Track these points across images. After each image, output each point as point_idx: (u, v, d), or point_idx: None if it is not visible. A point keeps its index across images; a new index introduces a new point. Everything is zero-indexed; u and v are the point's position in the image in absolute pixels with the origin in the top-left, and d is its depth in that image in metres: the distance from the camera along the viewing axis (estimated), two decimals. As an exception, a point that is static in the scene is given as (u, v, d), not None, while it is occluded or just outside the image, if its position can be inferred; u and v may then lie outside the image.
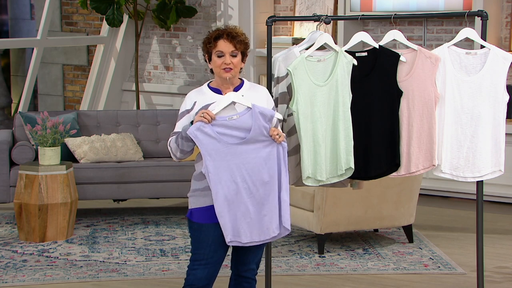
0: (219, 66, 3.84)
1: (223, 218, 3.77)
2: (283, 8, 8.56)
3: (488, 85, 4.50)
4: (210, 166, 3.76)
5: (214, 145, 3.75)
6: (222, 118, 3.77)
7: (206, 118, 3.74)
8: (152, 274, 5.46)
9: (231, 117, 3.77)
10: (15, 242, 6.21)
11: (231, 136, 3.77)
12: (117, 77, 9.31)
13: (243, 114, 3.79)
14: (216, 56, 3.85)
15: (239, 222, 3.78)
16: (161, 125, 7.39)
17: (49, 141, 6.23)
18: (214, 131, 3.75)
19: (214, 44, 3.84)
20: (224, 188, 3.76)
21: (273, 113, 3.83)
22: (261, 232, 3.81)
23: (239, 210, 3.78)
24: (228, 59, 3.83)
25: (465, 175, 4.57)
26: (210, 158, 3.75)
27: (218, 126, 3.76)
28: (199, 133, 3.74)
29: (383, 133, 4.52)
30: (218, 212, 3.77)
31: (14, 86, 11.20)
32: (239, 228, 3.78)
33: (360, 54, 4.49)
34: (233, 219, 3.78)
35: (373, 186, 5.74)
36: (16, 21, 11.47)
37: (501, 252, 5.96)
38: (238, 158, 3.76)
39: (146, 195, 6.86)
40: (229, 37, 3.83)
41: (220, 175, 3.76)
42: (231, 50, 3.83)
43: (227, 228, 3.77)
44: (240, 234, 3.79)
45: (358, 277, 5.40)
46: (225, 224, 3.77)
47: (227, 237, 3.78)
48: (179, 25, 9.00)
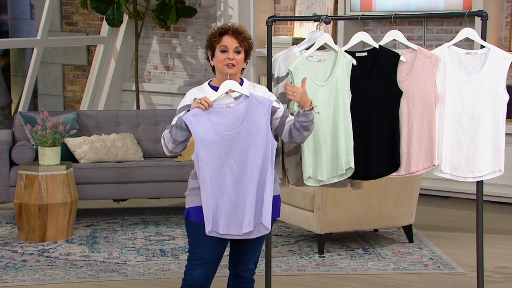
0: (222, 61, 3.85)
1: (207, 207, 3.75)
2: (283, 8, 8.56)
3: (488, 85, 4.50)
4: (201, 154, 3.76)
5: (208, 134, 3.75)
6: (219, 105, 3.77)
7: (203, 104, 3.74)
8: (152, 274, 5.46)
9: (228, 105, 3.78)
10: (15, 242, 6.21)
11: (225, 126, 3.76)
12: (117, 77, 9.31)
13: (240, 102, 3.79)
14: (219, 51, 3.86)
15: (219, 213, 3.76)
16: (161, 125, 7.39)
17: (49, 141, 6.23)
18: (210, 120, 3.75)
19: (219, 39, 3.86)
20: (212, 177, 3.76)
21: (271, 101, 3.83)
22: (238, 226, 3.78)
23: (221, 200, 3.76)
24: (232, 54, 3.84)
25: (465, 175, 4.57)
26: (202, 146, 3.75)
27: (214, 114, 3.76)
28: (194, 120, 3.74)
29: (383, 133, 4.52)
30: (204, 200, 3.75)
31: (14, 86, 11.20)
32: (217, 219, 3.76)
33: (360, 54, 4.49)
34: (214, 208, 3.76)
35: (373, 186, 5.74)
36: (16, 21, 11.47)
37: (501, 252, 5.96)
38: (230, 148, 3.76)
39: (146, 195, 6.86)
40: (234, 33, 3.85)
41: (209, 164, 3.75)
42: (235, 46, 3.85)
43: (209, 218, 3.75)
44: (218, 225, 3.77)
45: (358, 277, 5.40)
46: (208, 213, 3.75)
47: (208, 227, 3.76)
48: (179, 25, 9.00)
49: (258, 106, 3.79)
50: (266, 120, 3.80)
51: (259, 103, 3.79)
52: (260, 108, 3.79)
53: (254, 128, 3.77)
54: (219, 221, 3.77)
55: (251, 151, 3.77)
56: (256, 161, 3.77)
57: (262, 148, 3.78)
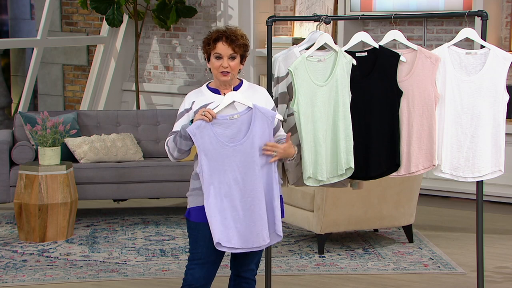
0: (217, 68, 3.83)
1: (213, 218, 3.73)
2: (283, 8, 8.56)
3: (488, 85, 4.50)
4: (204, 166, 3.74)
5: (212, 146, 3.74)
6: (223, 117, 3.76)
7: (207, 116, 3.72)
8: (152, 274, 5.46)
9: (232, 116, 3.76)
10: (15, 242, 6.21)
11: (229, 138, 3.75)
12: (117, 77, 9.31)
13: (244, 113, 3.78)
14: (214, 57, 3.84)
15: (229, 227, 3.74)
16: (161, 125, 7.39)
17: (49, 141, 6.23)
18: (214, 131, 3.74)
19: (213, 46, 3.83)
20: (216, 189, 3.74)
21: (274, 113, 3.82)
22: (251, 239, 3.77)
23: (229, 214, 3.74)
24: (226, 62, 3.81)
25: (465, 175, 4.56)
26: (206, 158, 3.74)
27: (218, 125, 3.75)
28: (198, 132, 3.73)
29: (383, 133, 4.52)
30: (208, 213, 3.74)
31: (14, 86, 11.20)
32: (228, 233, 3.74)
33: (360, 54, 4.49)
34: (223, 223, 3.74)
35: (373, 186, 5.74)
36: (16, 21, 11.47)
37: (501, 252, 5.95)
38: (234, 161, 3.74)
39: (146, 195, 6.86)
40: (228, 40, 3.81)
41: (213, 176, 3.74)
42: (230, 53, 3.82)
43: (215, 229, 3.73)
44: (230, 240, 3.74)
45: (358, 277, 5.40)
46: (212, 225, 3.74)
47: (214, 238, 3.74)
48: (179, 25, 9.00)
49: (262, 118, 3.77)
50: (269, 131, 3.80)
51: (262, 115, 3.78)
52: (263, 119, 3.78)
53: (257, 140, 3.76)
54: (230, 235, 3.74)
55: (256, 163, 3.76)
56: (262, 173, 3.77)
57: (266, 159, 3.78)
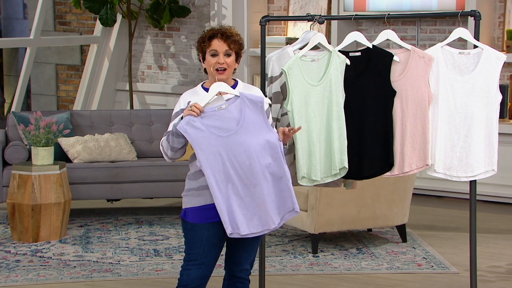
0: (212, 65, 3.84)
1: (221, 211, 3.75)
2: (277, 8, 8.56)
3: (481, 85, 4.51)
4: (202, 159, 3.74)
5: (204, 138, 3.74)
6: (211, 109, 3.76)
7: (195, 111, 3.72)
8: (145, 274, 5.45)
9: (220, 107, 3.76)
10: (8, 242, 6.20)
11: (220, 128, 3.75)
12: (110, 77, 9.30)
13: (232, 102, 3.78)
14: (210, 55, 3.84)
15: (236, 214, 3.75)
16: (154, 125, 7.39)
17: (43, 141, 6.22)
18: (204, 124, 3.74)
19: (208, 43, 3.84)
20: (218, 181, 3.75)
21: (262, 99, 3.81)
22: (259, 223, 3.79)
23: (234, 201, 3.75)
24: (222, 58, 3.83)
25: (458, 175, 4.57)
26: (201, 151, 3.74)
27: (207, 118, 3.74)
28: (189, 127, 3.73)
29: (376, 133, 4.52)
30: (219, 208, 3.75)
31: (7, 85, 11.18)
32: (236, 220, 3.76)
33: (353, 54, 4.50)
34: (229, 211, 3.76)
35: (367, 185, 5.74)
36: (9, 20, 11.45)
37: (494, 252, 5.97)
38: (230, 150, 3.74)
39: (139, 195, 6.86)
40: (224, 36, 3.82)
41: (213, 169, 3.74)
42: (225, 50, 3.83)
43: (226, 221, 3.76)
44: (238, 226, 3.76)
45: (352, 277, 5.41)
46: (223, 216, 3.76)
47: (227, 229, 3.76)
48: (173, 24, 9.00)
49: (251, 104, 3.78)
50: (263, 117, 3.79)
51: (251, 101, 3.78)
52: (253, 105, 3.78)
53: (251, 126, 3.76)
54: (238, 222, 3.76)
55: (254, 149, 3.75)
56: (263, 158, 3.76)
57: (265, 143, 3.77)
